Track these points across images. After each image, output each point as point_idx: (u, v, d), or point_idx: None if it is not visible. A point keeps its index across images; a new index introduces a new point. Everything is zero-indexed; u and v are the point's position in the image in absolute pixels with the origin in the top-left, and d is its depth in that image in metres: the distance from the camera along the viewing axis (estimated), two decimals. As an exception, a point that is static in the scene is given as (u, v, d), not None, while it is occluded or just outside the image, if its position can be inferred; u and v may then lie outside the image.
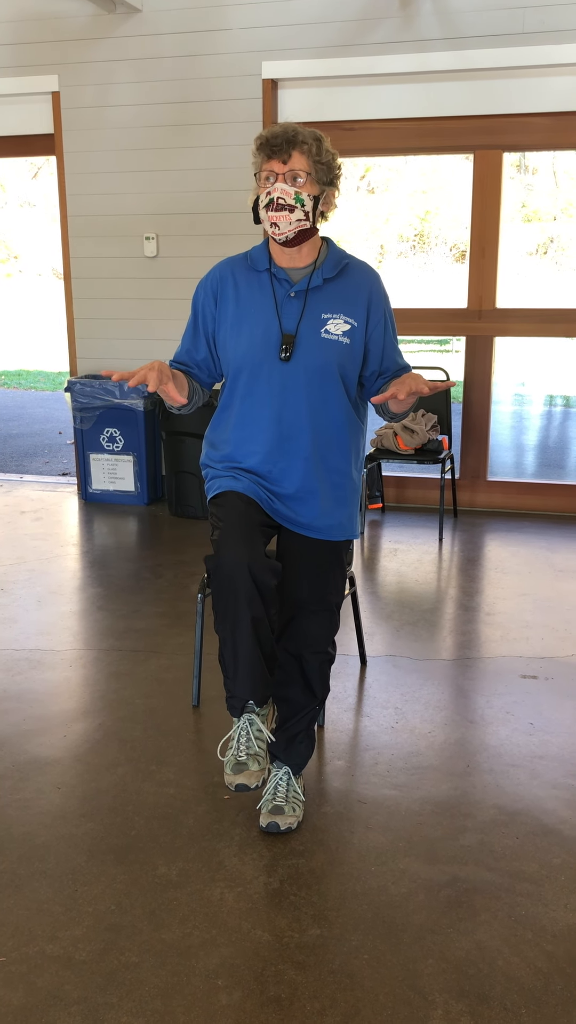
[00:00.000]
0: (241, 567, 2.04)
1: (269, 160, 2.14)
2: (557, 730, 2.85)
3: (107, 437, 5.50)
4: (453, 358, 11.96)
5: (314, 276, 2.25)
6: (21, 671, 3.26)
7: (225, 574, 2.06)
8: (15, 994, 1.83)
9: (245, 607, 2.06)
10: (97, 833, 2.34)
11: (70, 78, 5.35)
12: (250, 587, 2.05)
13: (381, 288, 2.33)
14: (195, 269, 5.27)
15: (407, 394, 2.08)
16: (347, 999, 1.81)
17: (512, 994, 1.83)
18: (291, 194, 2.13)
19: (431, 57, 4.80)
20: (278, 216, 2.14)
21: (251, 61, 5.06)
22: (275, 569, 2.12)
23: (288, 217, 2.14)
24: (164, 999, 1.81)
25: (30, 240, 22.70)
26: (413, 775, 2.60)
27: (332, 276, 2.26)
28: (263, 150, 2.15)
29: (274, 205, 2.14)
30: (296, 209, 2.14)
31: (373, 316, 2.28)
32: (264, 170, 2.16)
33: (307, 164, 2.14)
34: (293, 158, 2.13)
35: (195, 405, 2.40)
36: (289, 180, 2.14)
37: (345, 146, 5.12)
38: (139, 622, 3.70)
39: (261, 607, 2.08)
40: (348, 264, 2.30)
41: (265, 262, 2.28)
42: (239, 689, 2.13)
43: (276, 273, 2.26)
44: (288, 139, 2.12)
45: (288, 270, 2.27)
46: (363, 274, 2.31)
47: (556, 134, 4.89)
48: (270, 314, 2.24)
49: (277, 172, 2.14)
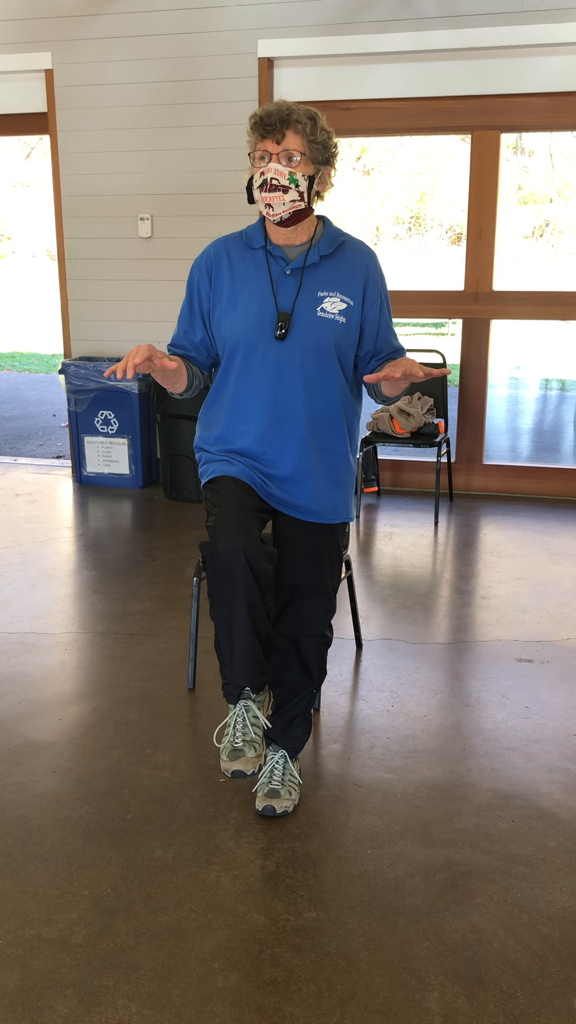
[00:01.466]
0: (237, 553, 2.03)
1: (263, 139, 2.11)
2: (552, 713, 2.85)
3: (102, 420, 5.47)
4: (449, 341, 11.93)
5: (310, 254, 2.23)
6: (16, 654, 3.25)
7: (221, 560, 2.05)
8: (11, 977, 1.82)
9: (241, 593, 2.05)
10: (93, 816, 2.33)
11: (64, 56, 5.28)
12: (246, 573, 2.04)
13: (378, 267, 2.30)
14: (190, 249, 5.23)
15: (401, 375, 2.06)
16: (343, 981, 1.82)
17: (508, 976, 1.83)
18: (285, 174, 2.10)
19: (429, 36, 4.75)
20: (272, 197, 2.11)
21: (247, 39, 5.00)
22: (271, 555, 2.11)
23: (282, 198, 2.11)
24: (160, 982, 1.81)
25: (23, 221, 22.53)
26: (409, 758, 2.60)
27: (328, 254, 2.23)
28: (257, 129, 2.12)
29: (268, 186, 2.11)
30: (290, 190, 2.11)
31: (369, 295, 2.26)
32: (258, 150, 2.13)
33: (302, 144, 2.11)
34: (287, 137, 2.10)
35: (196, 389, 2.37)
36: (283, 160, 2.11)
37: (341, 126, 5.08)
38: (134, 605, 3.69)
39: (257, 593, 2.07)
40: (344, 242, 2.28)
41: (261, 240, 2.25)
42: (235, 676, 2.12)
43: (272, 251, 2.24)
44: (282, 118, 2.09)
45: (284, 248, 2.24)
46: (360, 253, 2.29)
47: (554, 114, 4.85)
48: (266, 292, 2.22)
49: (271, 152, 2.11)
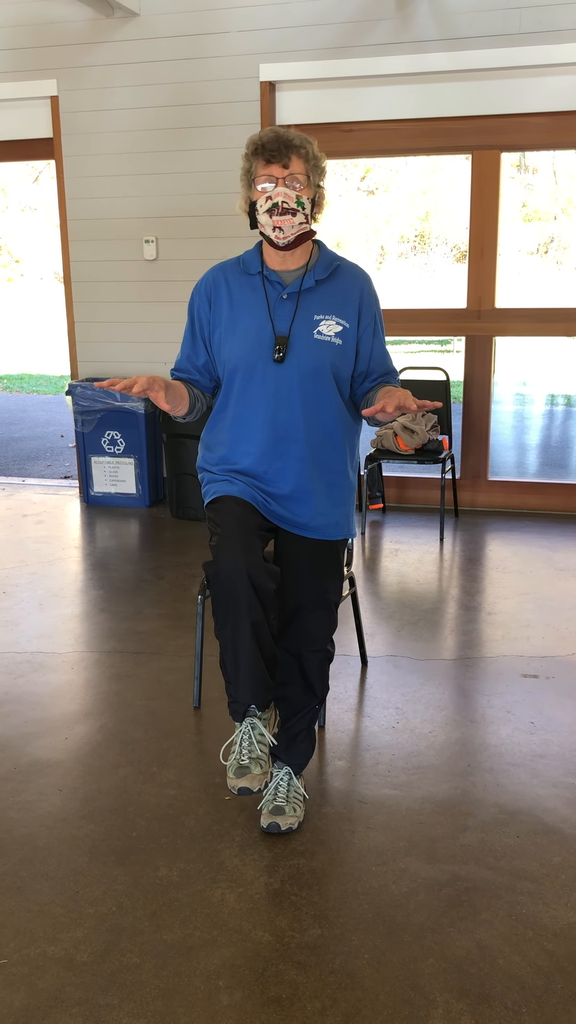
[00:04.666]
0: (240, 573, 2.05)
1: (268, 165, 2.16)
2: (558, 729, 2.85)
3: (108, 440, 5.51)
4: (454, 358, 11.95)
5: (306, 278, 2.27)
6: (23, 673, 3.26)
7: (224, 580, 2.07)
8: (16, 996, 1.83)
9: (245, 612, 2.07)
10: (98, 835, 2.34)
11: (69, 82, 5.36)
12: (249, 593, 2.06)
13: (372, 290, 2.34)
14: (195, 272, 5.28)
15: (395, 409, 2.09)
16: (348, 999, 1.82)
17: (513, 993, 1.83)
18: (293, 197, 2.16)
19: (428, 58, 4.81)
20: (283, 220, 2.16)
21: (249, 64, 5.07)
22: (274, 574, 2.13)
23: (291, 221, 2.17)
24: (165, 1000, 1.82)
25: (31, 244, 22.73)
26: (414, 775, 2.60)
27: (324, 278, 2.28)
28: (260, 155, 2.16)
29: (279, 209, 2.15)
30: (298, 212, 2.17)
31: (364, 318, 2.30)
32: (262, 175, 2.17)
33: (304, 167, 2.18)
34: (293, 162, 2.16)
35: (198, 412, 2.40)
36: (290, 184, 2.16)
37: (343, 147, 5.13)
38: (140, 624, 3.71)
39: (261, 612, 2.09)
40: (339, 266, 2.32)
41: (257, 265, 2.29)
42: (241, 694, 2.14)
43: (268, 276, 2.28)
44: (286, 143, 2.15)
45: (280, 272, 2.28)
46: (354, 276, 2.33)
47: (554, 133, 4.89)
48: (263, 316, 2.25)
49: (277, 176, 2.16)
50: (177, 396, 2.26)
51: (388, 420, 2.28)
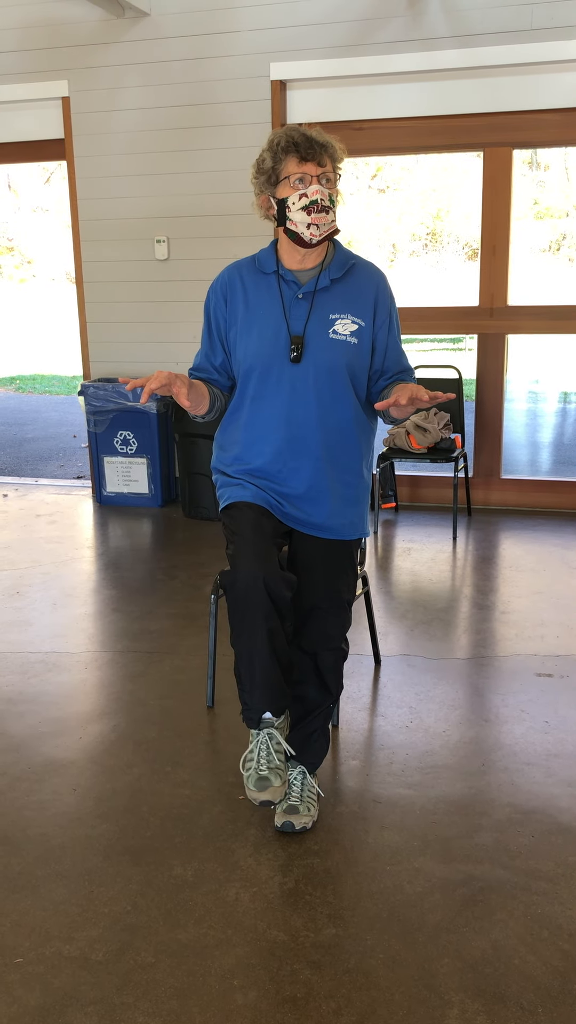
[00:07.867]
0: (257, 582, 2.06)
1: (304, 163, 2.16)
2: (573, 728, 2.84)
3: (121, 440, 5.52)
4: (466, 356, 11.92)
5: (321, 277, 2.26)
6: (37, 673, 3.27)
7: (241, 589, 2.08)
8: (32, 995, 1.84)
9: (261, 621, 2.08)
10: (113, 834, 2.34)
11: (80, 83, 5.37)
12: (266, 601, 2.07)
13: (387, 288, 2.33)
14: (206, 271, 5.29)
15: (407, 401, 2.09)
16: (362, 999, 1.81)
17: (528, 993, 1.82)
18: (327, 195, 2.17)
19: (439, 55, 4.80)
20: (320, 218, 2.17)
21: (259, 63, 5.06)
22: (290, 581, 2.14)
23: (327, 219, 2.19)
24: (180, 999, 1.82)
25: (44, 245, 22.80)
26: (428, 774, 2.60)
27: (339, 276, 2.27)
28: (293, 152, 2.16)
29: (317, 207, 2.16)
30: (331, 211, 2.19)
31: (379, 315, 2.29)
32: (296, 172, 2.17)
33: (332, 166, 2.21)
34: (326, 161, 2.18)
35: (217, 411, 2.39)
36: (323, 182, 2.17)
37: (355, 146, 5.12)
38: (153, 623, 3.71)
39: (277, 620, 2.10)
40: (355, 264, 2.32)
41: (273, 264, 2.29)
42: (256, 702, 2.14)
43: (284, 275, 2.28)
44: (319, 142, 2.17)
45: (296, 272, 2.28)
46: (369, 274, 2.32)
47: (566, 130, 4.87)
48: (278, 316, 2.25)
49: (311, 174, 2.17)
50: (198, 395, 2.26)
51: (401, 415, 2.27)
